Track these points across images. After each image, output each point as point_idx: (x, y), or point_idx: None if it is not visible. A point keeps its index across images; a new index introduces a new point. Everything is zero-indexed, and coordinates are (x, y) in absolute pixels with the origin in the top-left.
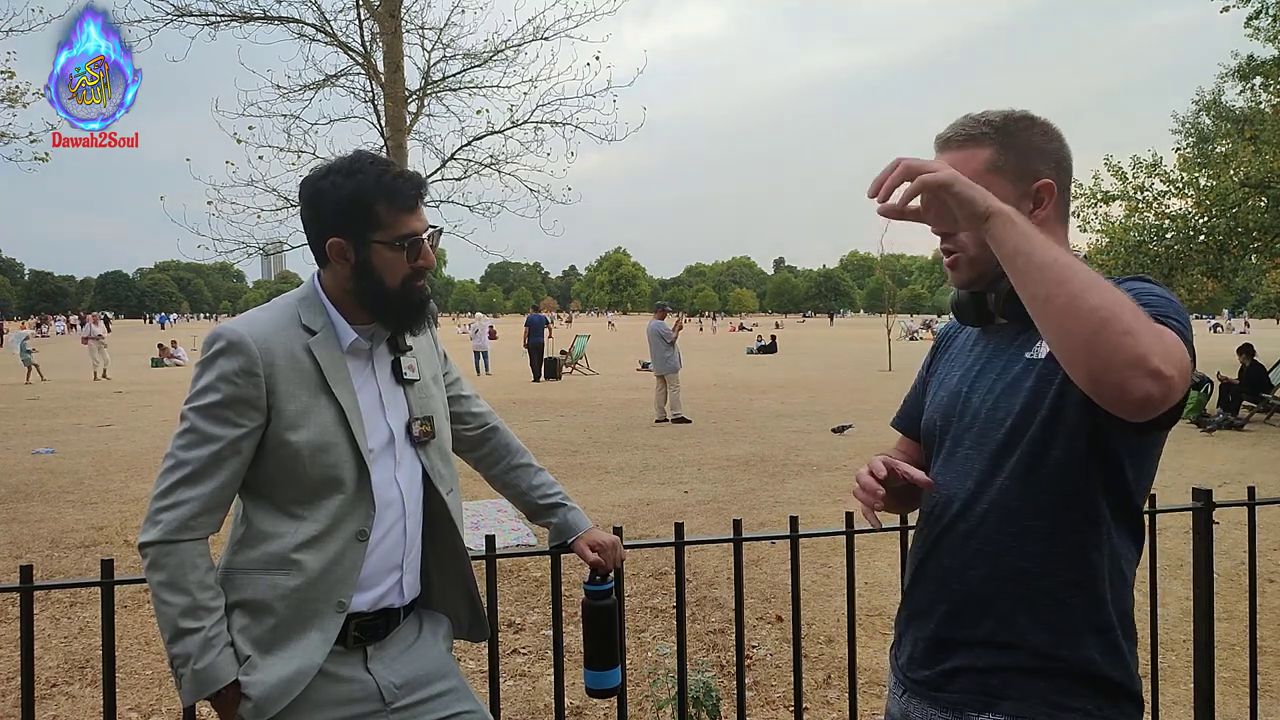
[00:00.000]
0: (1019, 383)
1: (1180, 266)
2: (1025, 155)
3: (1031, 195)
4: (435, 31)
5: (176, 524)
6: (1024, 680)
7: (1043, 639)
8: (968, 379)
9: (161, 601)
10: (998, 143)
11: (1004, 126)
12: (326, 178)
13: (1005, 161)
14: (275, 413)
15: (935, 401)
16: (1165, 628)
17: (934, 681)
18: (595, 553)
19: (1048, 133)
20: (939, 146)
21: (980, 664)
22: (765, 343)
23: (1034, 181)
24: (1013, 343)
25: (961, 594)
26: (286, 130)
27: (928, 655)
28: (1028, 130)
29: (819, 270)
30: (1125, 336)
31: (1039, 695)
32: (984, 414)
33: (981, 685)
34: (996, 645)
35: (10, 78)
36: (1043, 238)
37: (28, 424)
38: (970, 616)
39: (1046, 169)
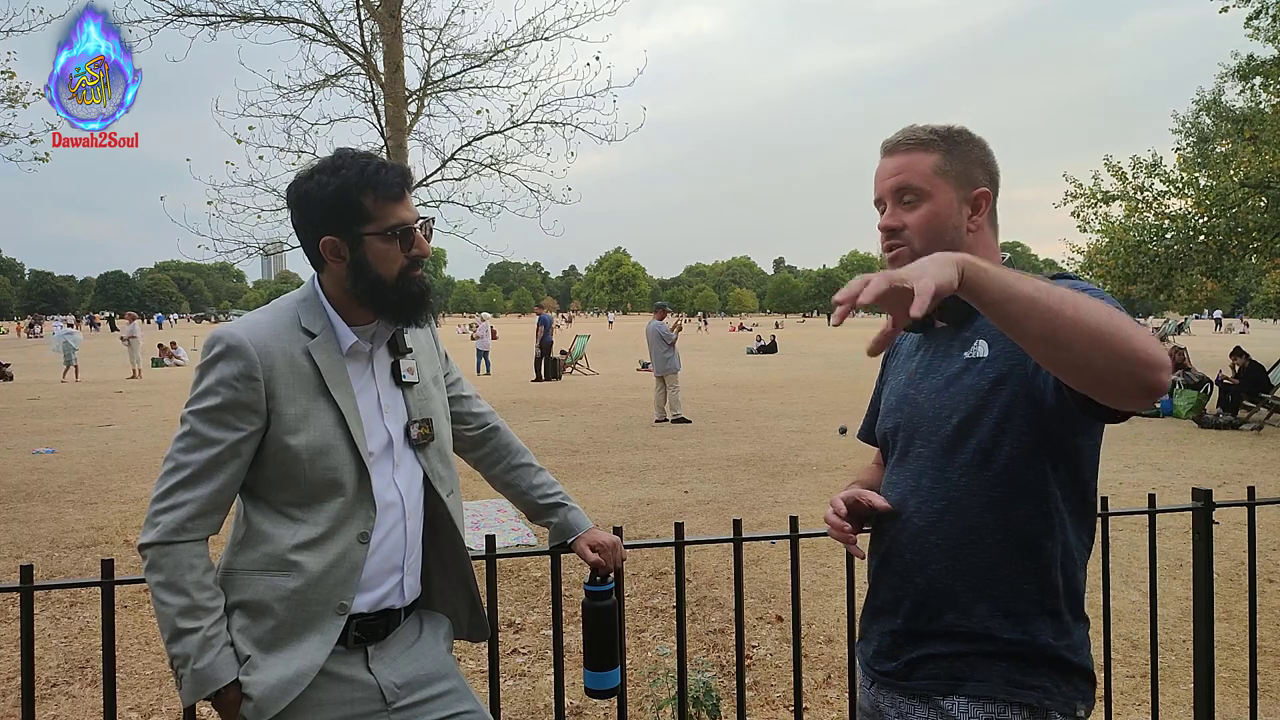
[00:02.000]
0: (960, 380)
1: (1180, 266)
2: (967, 164)
3: (971, 201)
4: (435, 31)
5: (174, 525)
6: (985, 664)
7: (1000, 625)
8: (913, 382)
9: (160, 602)
10: (944, 150)
11: (949, 136)
12: (311, 179)
13: (950, 167)
14: (275, 416)
15: (886, 407)
16: (1165, 628)
17: (900, 671)
18: (595, 553)
19: (983, 148)
20: (886, 151)
21: (943, 651)
22: (765, 343)
23: (973, 189)
24: (952, 343)
25: (923, 588)
26: (286, 130)
27: (893, 648)
28: (968, 143)
29: (819, 270)
30: (1131, 342)
31: (1000, 676)
32: (930, 413)
33: (946, 671)
34: (959, 635)
35: (10, 78)
36: (1021, 276)
37: (28, 424)
38: (932, 609)
39: (983, 179)
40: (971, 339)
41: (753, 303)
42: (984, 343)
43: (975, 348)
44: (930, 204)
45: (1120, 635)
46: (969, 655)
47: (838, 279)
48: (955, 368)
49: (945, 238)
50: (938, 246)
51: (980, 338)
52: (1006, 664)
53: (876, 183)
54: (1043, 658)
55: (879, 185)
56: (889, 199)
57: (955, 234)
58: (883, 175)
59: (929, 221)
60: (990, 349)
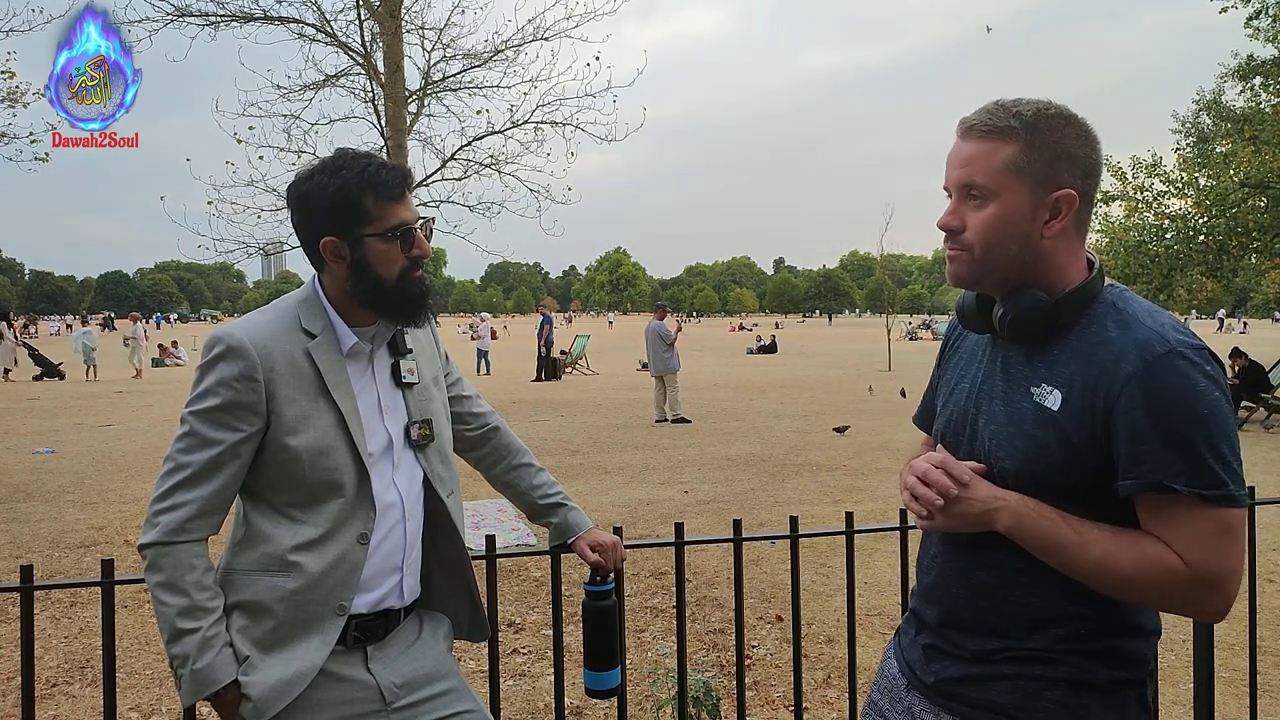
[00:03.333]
0: (1023, 426)
1: (1180, 266)
2: (1051, 160)
3: (1049, 205)
4: (435, 31)
5: (174, 526)
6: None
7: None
8: (974, 400)
9: (160, 602)
10: (1024, 140)
11: (1034, 123)
12: (311, 179)
13: (1028, 164)
14: (275, 417)
15: (945, 414)
16: (1165, 628)
17: (943, 689)
18: (595, 553)
19: (1082, 136)
20: (961, 132)
21: (979, 674)
22: (765, 343)
23: (1054, 190)
24: (1023, 370)
25: (965, 598)
26: (287, 130)
27: (930, 657)
28: (1060, 130)
29: (819, 270)
30: (1159, 601)
31: (1049, 705)
32: (987, 447)
33: (987, 699)
34: (1000, 657)
35: (10, 78)
36: (1046, 530)
37: (28, 424)
38: (976, 620)
39: (1072, 178)
40: (1043, 375)
41: (753, 303)
42: (1056, 393)
43: (1045, 393)
44: (997, 205)
45: None
46: (1014, 679)
47: (838, 279)
48: (1021, 405)
49: (1009, 246)
50: (1000, 254)
51: (1053, 383)
52: (1056, 693)
53: (946, 168)
54: (1093, 687)
55: (948, 172)
56: (955, 191)
57: (1023, 243)
58: (952, 163)
59: (992, 227)
60: (1061, 405)
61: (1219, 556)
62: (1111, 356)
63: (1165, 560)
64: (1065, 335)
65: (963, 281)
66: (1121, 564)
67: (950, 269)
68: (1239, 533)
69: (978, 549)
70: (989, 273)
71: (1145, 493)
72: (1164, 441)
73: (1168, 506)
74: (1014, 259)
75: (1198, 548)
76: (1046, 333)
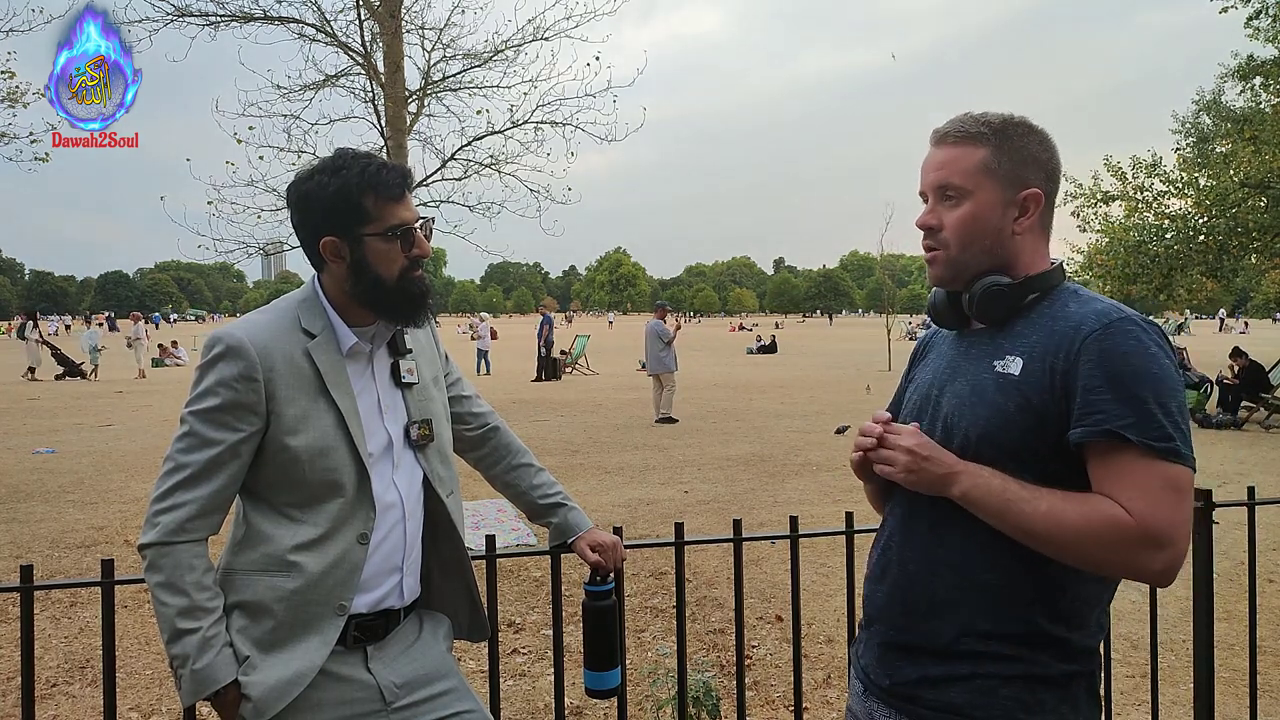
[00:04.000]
0: (984, 394)
1: (1180, 266)
2: (1019, 162)
3: (1018, 204)
4: (435, 32)
5: (174, 526)
6: (987, 691)
7: (1000, 644)
8: (939, 381)
9: (160, 603)
10: (994, 145)
11: (1002, 130)
12: (311, 179)
13: (999, 165)
14: (274, 417)
15: (908, 403)
16: (1165, 628)
17: (899, 691)
18: (595, 553)
19: (1044, 143)
20: (935, 140)
21: (939, 674)
22: (765, 343)
23: (1022, 190)
24: (985, 348)
25: (921, 597)
26: (287, 130)
27: (885, 659)
28: (1025, 137)
29: (819, 270)
30: (1106, 557)
31: (1005, 702)
32: (949, 420)
33: (944, 701)
34: (956, 654)
35: (10, 78)
36: (997, 497)
37: (28, 424)
38: (929, 621)
39: (1037, 179)
40: (1004, 349)
41: (753, 303)
42: (1018, 360)
43: (1007, 362)
44: (972, 203)
45: (1120, 635)
46: (970, 679)
47: (838, 279)
48: (983, 378)
49: (984, 241)
50: (975, 249)
51: (1015, 353)
52: (1011, 690)
53: (921, 174)
54: (1047, 681)
55: (923, 178)
56: (931, 194)
57: (996, 237)
58: (927, 168)
59: (967, 222)
60: (1023, 368)
61: (1166, 510)
62: (1072, 324)
63: (1112, 513)
64: (1028, 315)
65: (942, 280)
66: (1069, 519)
67: (930, 271)
68: (1186, 492)
69: (925, 547)
70: (965, 268)
71: (1095, 439)
72: (1116, 395)
73: (1116, 456)
74: (987, 253)
75: (1144, 500)
76: (1010, 310)
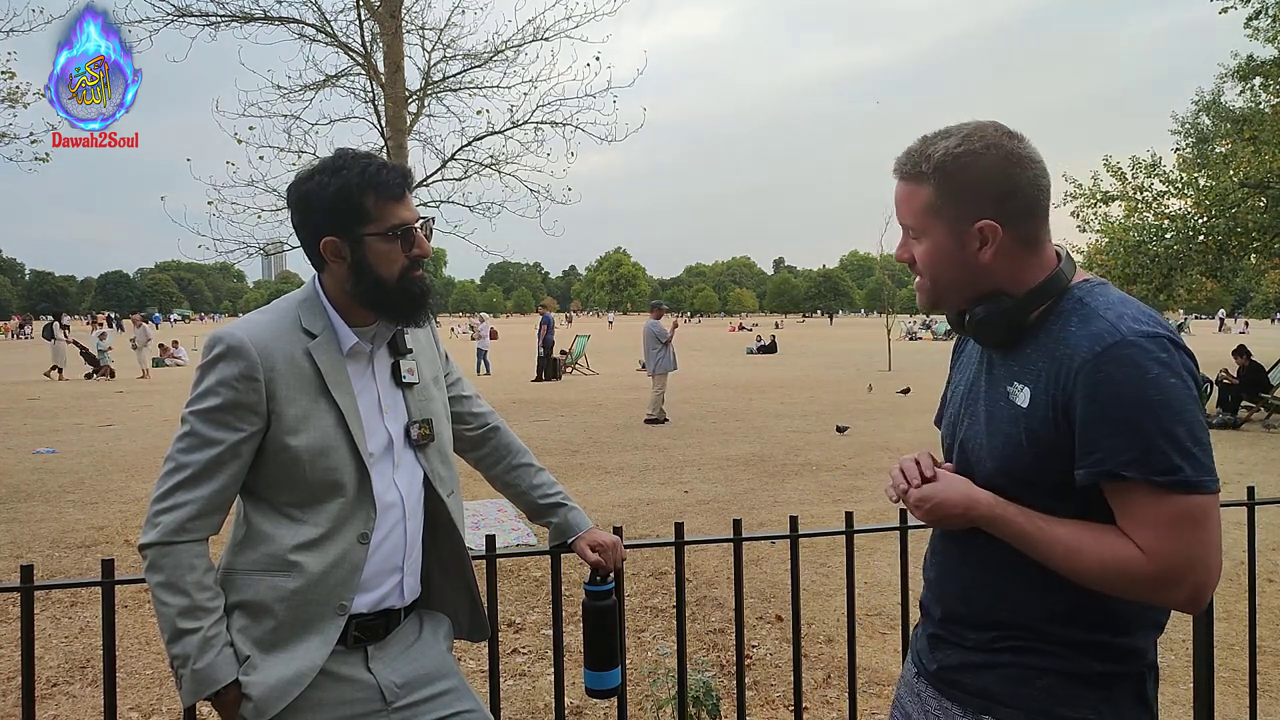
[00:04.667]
0: (999, 425)
1: (1180, 266)
2: (961, 199)
3: (974, 235)
4: (435, 32)
5: (174, 526)
6: (1024, 681)
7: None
8: (964, 404)
9: (160, 602)
10: (935, 183)
11: (942, 166)
12: (312, 179)
13: (941, 204)
14: (275, 417)
15: (946, 415)
16: (1165, 627)
17: (944, 676)
18: (595, 553)
19: (992, 167)
20: (894, 172)
21: (978, 662)
22: (765, 343)
23: (973, 223)
24: (1001, 369)
25: (963, 586)
26: (287, 130)
27: (934, 645)
28: (967, 170)
29: (819, 270)
30: (1128, 595)
31: (1038, 700)
32: (969, 448)
33: (980, 686)
34: (996, 645)
35: (10, 78)
36: (1021, 527)
37: (28, 424)
38: (972, 609)
39: (988, 209)
40: (1015, 374)
41: (753, 303)
42: (1025, 390)
43: (1017, 391)
44: (928, 241)
45: None
46: (1008, 667)
47: (838, 279)
48: (999, 405)
49: (952, 274)
50: (947, 281)
51: (1023, 380)
52: (1048, 682)
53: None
54: (1088, 680)
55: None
56: (901, 228)
57: (963, 269)
58: (895, 200)
59: (931, 260)
60: (1030, 399)
61: (1178, 545)
62: (1068, 351)
63: (1126, 554)
64: (1036, 334)
65: (931, 308)
66: (1086, 558)
67: (918, 299)
68: (1203, 521)
69: (970, 547)
70: (946, 296)
71: (1099, 481)
72: (1113, 429)
73: (1125, 495)
74: (964, 282)
75: (1154, 537)
76: (1010, 333)
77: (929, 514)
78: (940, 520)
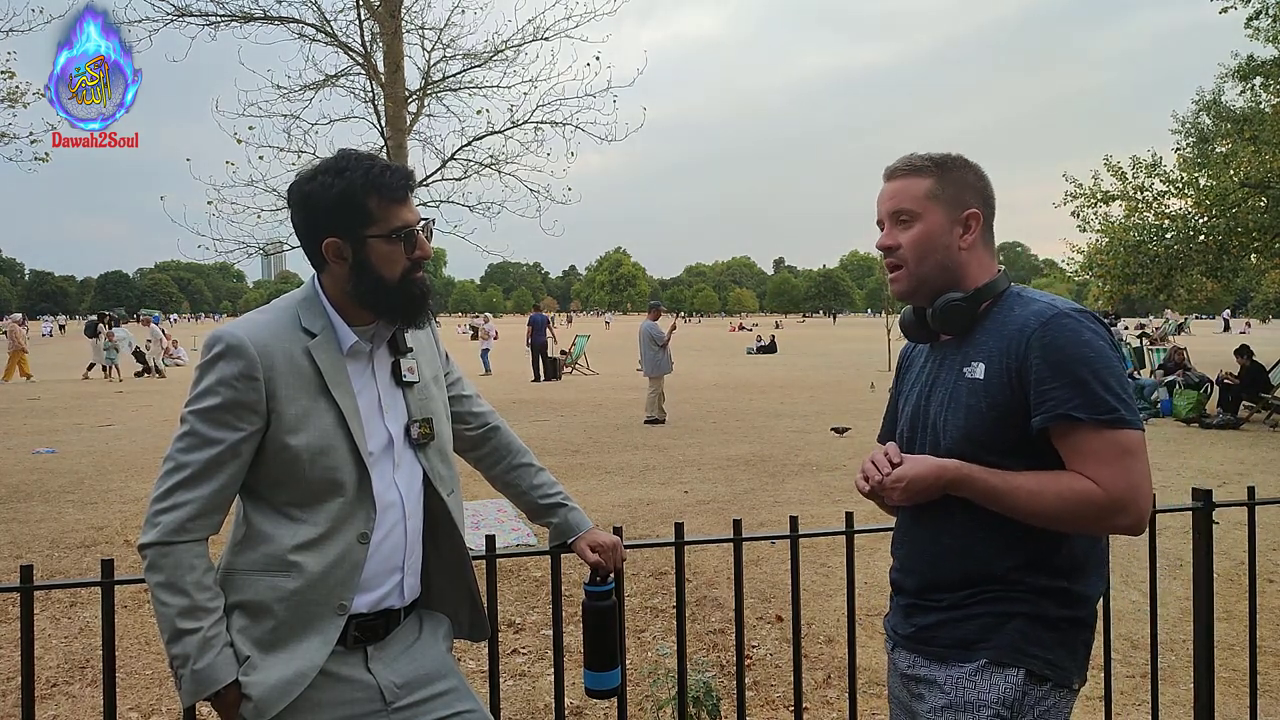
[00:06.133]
0: (959, 399)
1: (1180, 266)
2: (959, 188)
3: (961, 222)
4: (435, 32)
5: (174, 526)
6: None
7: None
8: (924, 394)
9: (160, 603)
10: (936, 175)
11: (942, 163)
12: (315, 179)
13: (942, 191)
14: (275, 416)
15: (904, 416)
16: (1165, 628)
17: (918, 635)
18: (595, 553)
19: (978, 173)
20: (887, 176)
21: (953, 617)
22: (765, 343)
23: (964, 211)
24: (955, 356)
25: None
26: (287, 130)
27: (909, 611)
28: (961, 169)
29: (819, 270)
30: (1084, 525)
31: (1008, 640)
32: (936, 425)
33: (957, 637)
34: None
35: (10, 78)
36: (986, 481)
37: (28, 424)
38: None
39: (975, 201)
40: (970, 356)
41: (753, 303)
42: (981, 365)
43: (973, 368)
44: (923, 224)
45: (1120, 635)
46: (981, 616)
47: (838, 279)
48: (957, 385)
49: (936, 255)
50: (930, 263)
51: (978, 359)
52: (1016, 624)
53: (878, 205)
54: (1048, 623)
55: (879, 207)
56: (887, 220)
57: (946, 252)
58: (882, 199)
59: (921, 240)
60: (986, 372)
61: (1124, 474)
62: (1017, 326)
63: (1083, 489)
64: (984, 322)
65: (905, 295)
66: (1047, 499)
67: (893, 287)
68: (1139, 453)
69: (935, 520)
70: (924, 281)
71: (1052, 424)
72: (1060, 381)
73: (1074, 434)
74: (941, 267)
75: (1107, 470)
76: (969, 320)
77: (905, 491)
78: (916, 495)
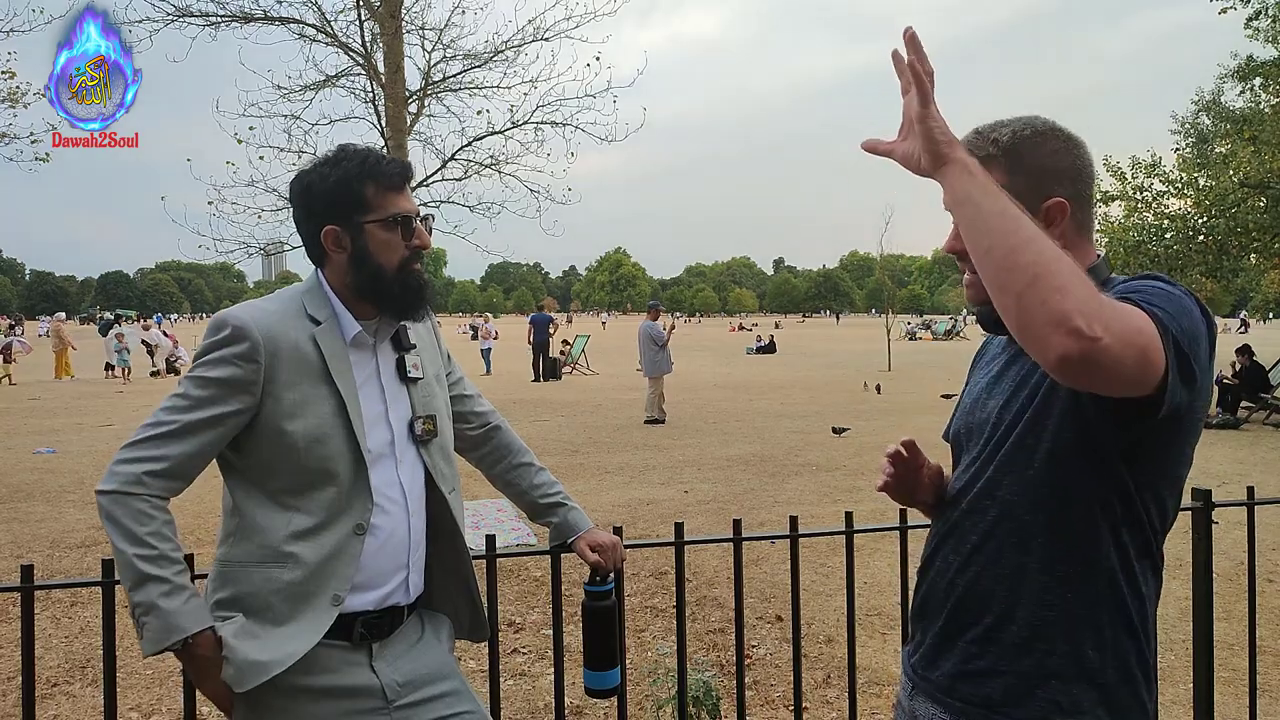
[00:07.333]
0: (1028, 381)
1: (1180, 267)
2: (1035, 176)
3: (1041, 216)
4: (435, 32)
5: (131, 477)
6: (1024, 689)
7: (1040, 644)
8: (989, 384)
9: (118, 550)
10: (1005, 164)
11: (1012, 148)
12: (313, 172)
13: (1013, 185)
14: (272, 400)
15: (961, 408)
16: (1165, 628)
17: (943, 684)
18: (595, 553)
19: (1060, 148)
20: None
21: (981, 668)
22: (765, 343)
23: (1043, 202)
24: None
25: (964, 589)
26: (287, 131)
27: (934, 653)
28: (1038, 149)
29: (819, 270)
30: (1054, 293)
31: (1041, 702)
32: (994, 416)
33: (983, 695)
34: (997, 648)
35: (10, 78)
36: (998, 193)
37: (28, 424)
38: (972, 612)
39: (1059, 187)
40: None
41: (753, 303)
42: None
43: None
44: None
45: None
46: (1006, 675)
47: (838, 279)
48: (1030, 372)
49: None
50: None
51: None
52: (1048, 691)
53: None
54: (1089, 681)
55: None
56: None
57: None
58: None
59: None
60: None
61: (1121, 321)
62: None
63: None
64: None
65: (980, 301)
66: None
67: (967, 293)
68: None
69: (970, 551)
70: None
71: None
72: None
73: None
74: None
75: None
76: None
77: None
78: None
